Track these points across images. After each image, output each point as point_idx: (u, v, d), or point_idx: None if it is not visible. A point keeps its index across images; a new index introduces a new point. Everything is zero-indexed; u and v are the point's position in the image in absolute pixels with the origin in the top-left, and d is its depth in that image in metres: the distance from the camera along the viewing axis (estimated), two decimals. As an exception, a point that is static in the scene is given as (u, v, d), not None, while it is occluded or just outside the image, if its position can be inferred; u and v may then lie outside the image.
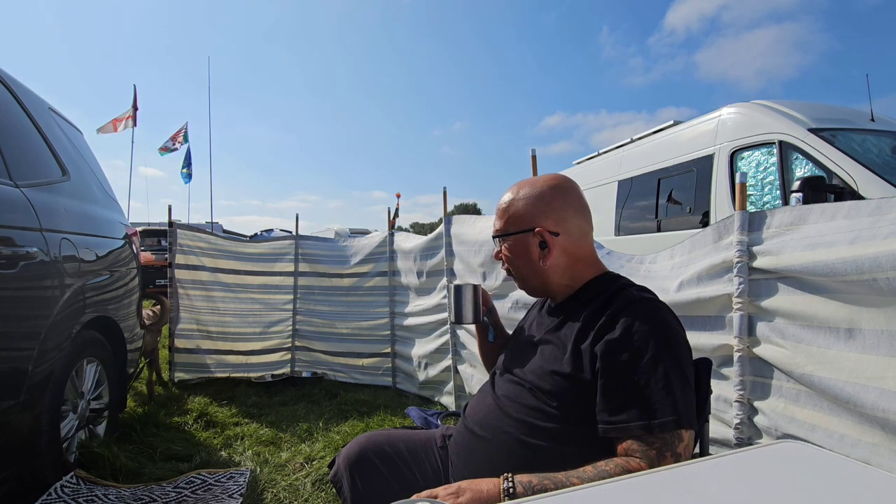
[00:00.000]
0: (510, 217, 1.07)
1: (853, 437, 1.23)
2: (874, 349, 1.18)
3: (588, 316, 0.95)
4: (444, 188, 3.36)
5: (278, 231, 12.95)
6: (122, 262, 2.65)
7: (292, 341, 4.11)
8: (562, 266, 1.04)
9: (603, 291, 1.00)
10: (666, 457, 0.79)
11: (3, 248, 1.64)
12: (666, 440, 0.80)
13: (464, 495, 0.79)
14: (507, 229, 1.07)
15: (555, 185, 1.06)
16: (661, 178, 4.65)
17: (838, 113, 3.83)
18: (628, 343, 0.87)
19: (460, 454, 1.04)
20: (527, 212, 1.05)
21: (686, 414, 0.82)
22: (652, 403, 0.81)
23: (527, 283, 1.10)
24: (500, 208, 1.10)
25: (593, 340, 0.90)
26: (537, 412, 0.93)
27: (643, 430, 0.81)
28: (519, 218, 1.05)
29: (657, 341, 0.86)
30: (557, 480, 0.79)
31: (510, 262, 1.10)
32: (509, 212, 1.07)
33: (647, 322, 0.89)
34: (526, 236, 1.04)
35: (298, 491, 2.17)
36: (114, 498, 1.95)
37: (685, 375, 0.86)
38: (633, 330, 0.88)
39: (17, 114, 2.09)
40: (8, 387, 1.63)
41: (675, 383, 0.83)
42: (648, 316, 0.90)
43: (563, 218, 1.04)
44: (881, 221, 1.18)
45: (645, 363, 0.84)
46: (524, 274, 1.09)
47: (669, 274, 1.82)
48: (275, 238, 4.37)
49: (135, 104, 11.81)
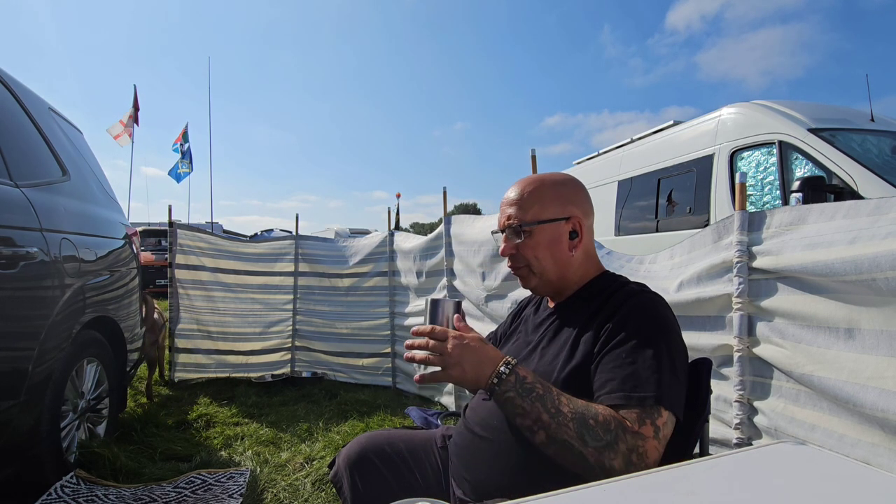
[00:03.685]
0: (537, 205, 1.03)
1: (853, 437, 1.23)
2: (873, 349, 1.18)
3: (591, 312, 0.97)
4: (444, 188, 3.36)
5: (278, 231, 12.96)
6: (122, 262, 2.65)
7: (292, 341, 4.11)
8: (579, 260, 1.05)
9: (605, 289, 1.01)
10: (647, 423, 0.80)
11: (3, 248, 1.64)
12: (646, 411, 0.81)
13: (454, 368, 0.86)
14: (537, 217, 1.02)
15: (576, 180, 1.09)
16: (661, 178, 4.65)
17: (838, 113, 3.83)
18: (624, 328, 0.89)
19: (460, 454, 1.04)
20: (558, 199, 1.03)
21: (668, 395, 0.83)
22: (636, 379, 0.83)
23: (543, 278, 1.04)
24: (517, 198, 1.04)
25: (595, 333, 0.92)
26: None
27: (623, 400, 0.82)
28: (549, 206, 1.03)
29: (651, 328, 0.89)
30: (547, 392, 0.84)
31: (532, 252, 1.02)
32: (535, 201, 1.03)
33: (644, 311, 0.92)
34: (559, 225, 1.02)
35: (298, 491, 2.17)
36: (114, 498, 1.95)
37: (674, 363, 0.87)
38: (630, 317, 0.91)
39: (17, 114, 2.09)
40: (8, 387, 1.62)
41: (663, 366, 0.85)
42: (646, 306, 0.93)
43: (587, 211, 1.06)
44: (880, 221, 1.18)
45: (636, 345, 0.87)
46: (545, 267, 1.03)
47: (669, 274, 1.82)
48: (275, 238, 4.37)
49: (135, 104, 11.80)
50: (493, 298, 2.71)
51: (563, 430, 0.80)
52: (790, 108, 3.71)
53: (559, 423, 0.80)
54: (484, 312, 2.82)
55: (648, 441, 0.79)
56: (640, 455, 0.78)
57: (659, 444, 0.81)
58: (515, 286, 2.56)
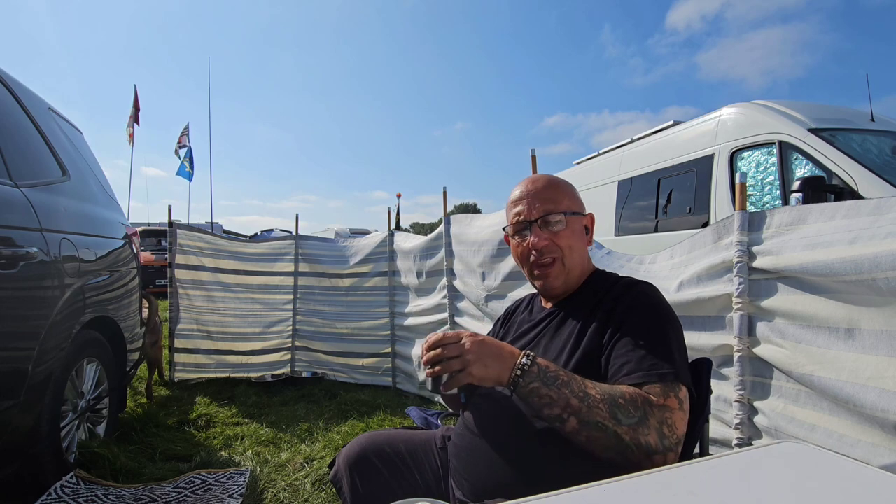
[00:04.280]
0: (568, 199, 1.05)
1: (853, 437, 1.23)
2: (874, 349, 1.18)
3: (592, 306, 0.99)
4: (444, 188, 3.36)
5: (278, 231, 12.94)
6: (122, 262, 2.65)
7: (292, 341, 4.11)
8: (588, 256, 1.10)
9: (602, 285, 1.04)
10: (670, 396, 0.82)
11: (3, 248, 1.64)
12: (667, 385, 0.83)
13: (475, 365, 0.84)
14: (570, 208, 1.04)
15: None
16: (661, 179, 4.65)
17: (838, 113, 3.83)
18: (630, 316, 0.92)
19: (460, 455, 1.03)
20: (577, 196, 1.10)
21: (683, 371, 0.87)
22: (652, 359, 0.86)
23: (569, 269, 1.04)
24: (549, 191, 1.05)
25: (600, 325, 0.94)
26: None
27: (644, 378, 0.84)
28: (576, 201, 1.08)
29: (655, 314, 0.93)
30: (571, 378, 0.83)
31: (567, 242, 1.02)
32: (565, 195, 1.06)
33: (646, 298, 0.96)
34: (582, 219, 1.08)
35: (298, 491, 2.17)
36: (114, 498, 1.95)
37: (680, 344, 0.92)
38: (634, 306, 0.94)
39: (17, 114, 2.09)
40: (8, 387, 1.62)
41: (673, 347, 0.89)
42: (646, 294, 0.98)
43: None
44: (880, 221, 1.18)
45: (645, 330, 0.90)
46: (574, 258, 1.04)
47: (669, 274, 1.82)
48: (275, 238, 4.37)
49: (136, 104, 11.79)
50: (493, 298, 2.71)
51: (594, 413, 0.79)
52: (790, 108, 3.71)
53: (590, 405, 0.80)
54: (484, 312, 2.82)
55: (675, 412, 0.81)
56: (671, 427, 0.79)
57: (684, 415, 0.82)
58: (515, 286, 2.56)
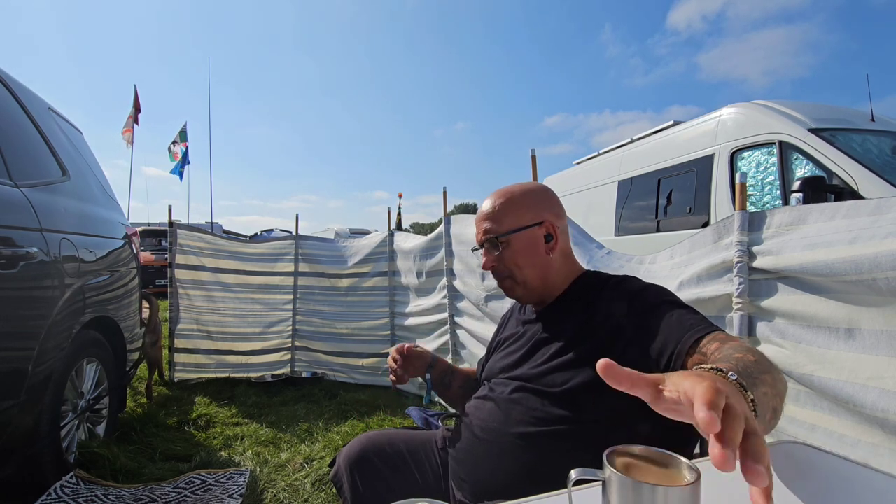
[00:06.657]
0: (511, 215, 1.06)
1: (853, 437, 1.23)
2: (874, 349, 1.17)
3: (587, 303, 0.99)
4: (444, 188, 3.36)
5: (278, 231, 12.93)
6: (121, 262, 2.65)
7: (292, 341, 4.11)
8: (558, 262, 1.07)
9: (593, 285, 1.04)
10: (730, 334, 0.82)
11: (3, 248, 1.64)
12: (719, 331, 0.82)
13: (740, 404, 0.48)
14: (512, 227, 1.05)
15: (544, 186, 1.13)
16: (661, 179, 4.65)
17: (838, 113, 3.83)
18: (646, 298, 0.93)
19: (459, 456, 1.03)
20: (530, 206, 1.06)
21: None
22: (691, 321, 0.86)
23: (527, 286, 1.06)
24: (491, 212, 1.07)
25: (605, 318, 0.94)
26: (541, 413, 0.92)
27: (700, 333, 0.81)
28: (523, 214, 1.05)
29: (662, 295, 0.95)
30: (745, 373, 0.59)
31: (511, 262, 1.05)
32: (508, 211, 1.06)
33: (648, 284, 0.99)
34: (533, 231, 1.05)
35: (298, 491, 2.17)
36: (113, 498, 1.95)
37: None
38: (644, 291, 0.96)
39: (17, 114, 2.09)
40: (8, 387, 1.62)
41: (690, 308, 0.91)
42: (639, 281, 1.01)
43: (559, 213, 1.09)
44: (881, 221, 1.18)
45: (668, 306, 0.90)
46: (527, 275, 1.05)
47: (669, 274, 1.81)
48: (275, 238, 4.37)
49: (136, 104, 11.78)
50: (492, 298, 2.71)
51: (778, 384, 0.66)
52: (790, 108, 3.71)
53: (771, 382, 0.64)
54: (484, 313, 2.82)
55: None
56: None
57: None
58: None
